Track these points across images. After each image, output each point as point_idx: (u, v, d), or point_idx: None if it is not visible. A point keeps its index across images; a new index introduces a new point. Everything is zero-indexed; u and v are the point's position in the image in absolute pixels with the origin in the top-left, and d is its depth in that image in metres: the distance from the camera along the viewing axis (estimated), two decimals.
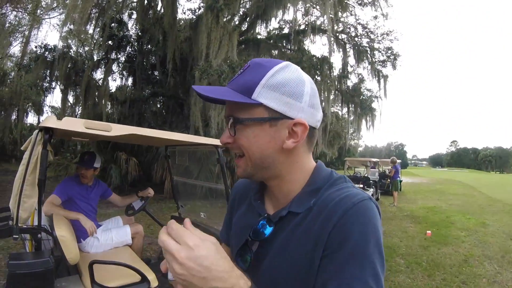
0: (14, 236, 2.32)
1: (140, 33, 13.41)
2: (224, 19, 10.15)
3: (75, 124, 2.32)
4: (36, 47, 14.17)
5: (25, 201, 2.35)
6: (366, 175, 13.54)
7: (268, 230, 0.82)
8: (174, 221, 0.65)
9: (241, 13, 12.59)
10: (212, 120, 9.39)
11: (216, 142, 3.51)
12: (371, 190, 12.84)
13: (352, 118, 15.50)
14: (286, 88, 0.76)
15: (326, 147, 15.13)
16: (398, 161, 18.67)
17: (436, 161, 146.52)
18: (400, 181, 14.98)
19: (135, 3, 13.19)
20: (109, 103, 14.09)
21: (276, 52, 13.82)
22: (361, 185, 12.63)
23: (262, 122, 0.76)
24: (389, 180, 13.49)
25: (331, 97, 13.77)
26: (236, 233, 0.96)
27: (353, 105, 14.89)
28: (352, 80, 15.10)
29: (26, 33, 15.63)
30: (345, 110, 15.93)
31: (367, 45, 14.08)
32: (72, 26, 11.80)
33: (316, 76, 12.79)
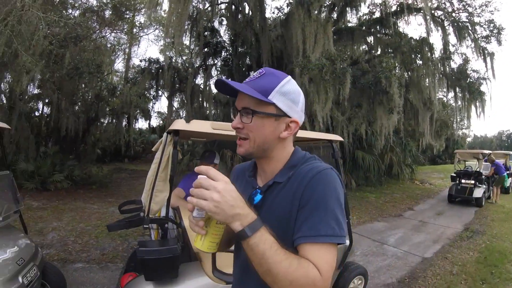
0: (144, 225, 2.58)
1: (232, 38, 13.82)
2: (315, 12, 9.95)
3: (203, 125, 2.63)
4: (140, 61, 15.63)
5: (157, 195, 2.60)
6: (478, 169, 12.19)
7: (258, 197, 1.12)
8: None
9: (328, 3, 12.21)
10: (318, 114, 9.25)
11: (331, 137, 3.53)
12: (483, 187, 11.48)
13: (459, 104, 13.72)
14: (291, 96, 1.09)
15: (433, 139, 13.79)
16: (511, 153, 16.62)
17: None
18: (508, 177, 13.38)
19: (223, 10, 13.64)
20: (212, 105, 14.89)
21: (371, 38, 12.92)
22: (473, 181, 11.40)
23: (271, 116, 1.07)
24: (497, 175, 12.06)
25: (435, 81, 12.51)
26: None
27: (460, 90, 13.25)
28: (455, 61, 13.35)
29: (127, 50, 17.24)
30: (450, 95, 14.51)
31: (467, 20, 12.34)
32: (169, 40, 12.56)
33: (417, 60, 11.94)
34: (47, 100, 13.40)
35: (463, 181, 11.76)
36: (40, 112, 14.32)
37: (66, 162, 11.19)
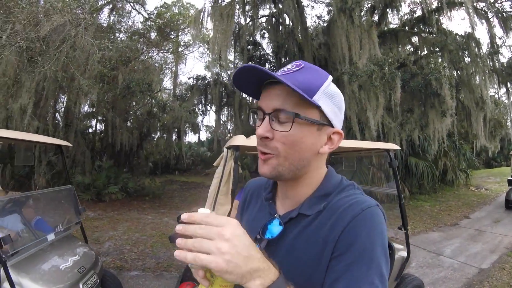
0: None
1: (275, 49, 13.98)
2: (357, 17, 9.85)
3: None
4: (189, 78, 16.35)
5: (219, 208, 2.68)
6: None
7: (278, 229, 0.86)
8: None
9: (368, 6, 12.04)
10: (370, 122, 9.08)
11: (388, 146, 3.54)
12: None
13: None
14: (337, 100, 0.84)
15: (487, 140, 13.06)
16: None
17: None
18: None
19: (264, 23, 13.86)
20: None
21: (416, 39, 12.56)
22: None
23: (314, 124, 0.81)
24: None
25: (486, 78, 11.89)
26: (246, 228, 0.89)
27: (511, 85, 12.43)
28: (504, 55, 12.79)
29: (173, 68, 18.00)
30: (501, 92, 13.75)
31: (511, 9, 11.70)
32: (215, 56, 13.02)
33: (465, 57, 11.41)
34: (100, 118, 14.30)
35: None
36: (94, 128, 15.31)
37: (120, 175, 11.88)
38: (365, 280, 0.70)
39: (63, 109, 12.24)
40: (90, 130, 15.16)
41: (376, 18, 12.13)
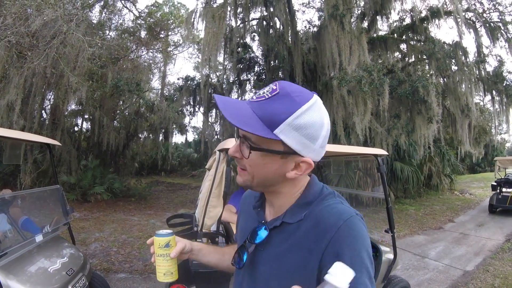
0: (197, 239, 2.63)
1: (265, 53, 13.94)
2: (348, 24, 9.96)
3: None
4: (178, 79, 16.27)
5: (211, 210, 2.69)
6: None
7: (264, 234, 0.92)
8: None
9: (358, 13, 12.19)
10: (357, 126, 9.17)
11: (376, 151, 3.57)
12: None
13: (497, 108, 13.21)
14: (308, 131, 0.81)
15: (472, 146, 13.35)
16: None
17: None
18: None
19: (255, 26, 13.85)
20: None
21: (405, 46, 12.82)
22: None
23: (276, 154, 0.84)
24: None
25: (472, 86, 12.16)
26: (239, 235, 1.10)
27: (496, 93, 12.76)
28: (490, 64, 13.02)
29: (162, 68, 17.88)
30: (487, 99, 14.06)
31: (498, 19, 12.00)
32: (206, 58, 13.01)
33: (451, 65, 11.66)
34: (86, 116, 14.06)
35: (504, 190, 11.25)
36: (79, 127, 15.07)
37: (106, 175, 11.69)
38: (360, 283, 0.75)
39: (49, 107, 12.00)
40: (76, 129, 14.88)
41: (365, 24, 12.28)
